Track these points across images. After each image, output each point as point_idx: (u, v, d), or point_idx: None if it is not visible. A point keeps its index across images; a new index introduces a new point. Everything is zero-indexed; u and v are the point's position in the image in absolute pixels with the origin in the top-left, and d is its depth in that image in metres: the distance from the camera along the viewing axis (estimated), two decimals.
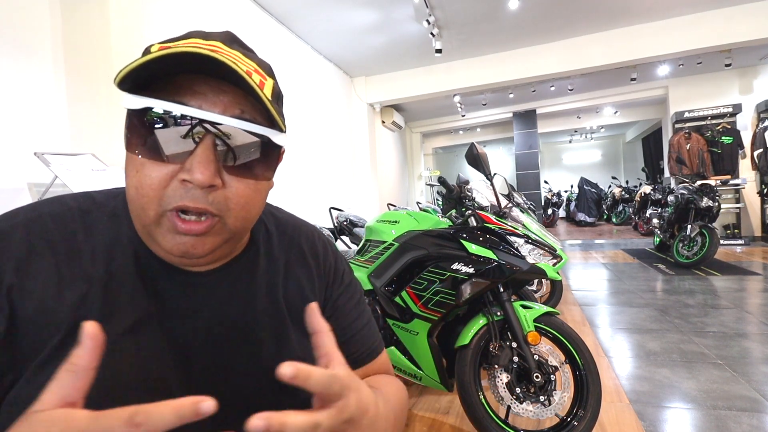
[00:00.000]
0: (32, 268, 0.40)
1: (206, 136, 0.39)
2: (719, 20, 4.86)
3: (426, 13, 4.38)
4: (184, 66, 0.38)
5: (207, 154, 0.38)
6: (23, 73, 2.23)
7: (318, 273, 0.58)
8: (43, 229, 0.42)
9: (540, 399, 1.43)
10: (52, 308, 0.39)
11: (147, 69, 0.37)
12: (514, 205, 2.88)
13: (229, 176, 0.41)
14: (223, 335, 0.47)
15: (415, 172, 10.48)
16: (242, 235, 0.46)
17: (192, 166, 0.38)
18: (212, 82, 0.40)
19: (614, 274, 4.68)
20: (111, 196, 0.48)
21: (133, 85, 0.38)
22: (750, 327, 2.72)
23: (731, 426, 1.62)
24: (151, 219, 0.40)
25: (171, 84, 0.39)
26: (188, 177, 0.38)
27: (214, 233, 0.41)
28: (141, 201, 0.39)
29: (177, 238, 0.40)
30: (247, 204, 0.43)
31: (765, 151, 6.27)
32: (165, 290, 0.45)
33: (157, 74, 0.39)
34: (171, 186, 0.39)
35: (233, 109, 0.40)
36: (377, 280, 1.74)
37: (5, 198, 2.06)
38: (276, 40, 4.37)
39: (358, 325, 0.60)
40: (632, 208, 9.01)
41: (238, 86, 0.40)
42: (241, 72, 0.37)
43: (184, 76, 0.40)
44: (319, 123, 5.26)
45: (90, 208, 0.46)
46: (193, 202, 0.39)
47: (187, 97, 0.39)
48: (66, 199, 0.46)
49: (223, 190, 0.40)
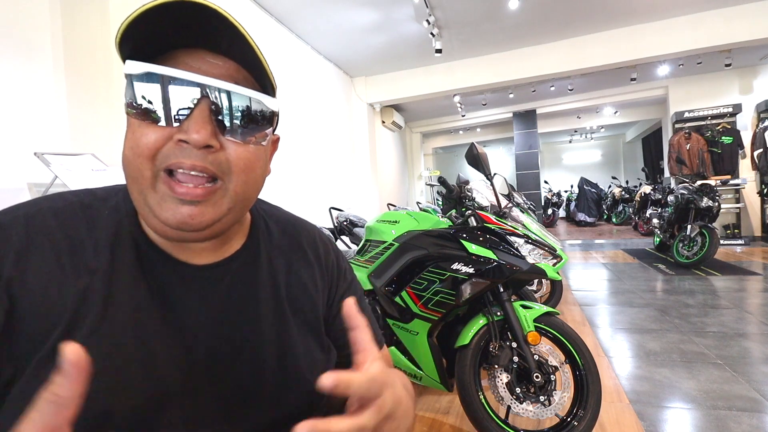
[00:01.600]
0: (32, 261, 0.40)
1: (202, 99, 0.40)
2: (719, 20, 4.86)
3: (426, 13, 4.38)
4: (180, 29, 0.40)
5: (203, 115, 0.39)
6: (23, 73, 2.23)
7: (321, 272, 0.58)
8: (43, 223, 0.42)
9: (540, 399, 1.43)
10: (53, 301, 0.39)
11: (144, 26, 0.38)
12: (514, 205, 2.88)
13: (225, 140, 0.41)
14: (224, 329, 0.47)
15: (415, 172, 10.48)
16: (242, 209, 0.45)
17: (189, 126, 0.39)
18: (207, 55, 0.42)
19: (614, 274, 4.68)
20: (112, 192, 0.49)
21: (133, 54, 0.39)
22: (750, 327, 2.72)
23: (731, 426, 1.62)
24: (148, 181, 0.39)
25: (168, 60, 0.41)
26: (185, 137, 0.39)
27: (214, 202, 0.41)
28: (136, 161, 0.39)
29: (174, 207, 0.40)
30: (247, 167, 0.43)
31: (765, 151, 6.27)
32: (167, 283, 0.45)
33: (155, 46, 0.40)
34: (167, 146, 0.39)
35: (228, 78, 0.42)
36: (377, 280, 1.74)
37: (5, 198, 2.06)
38: (276, 40, 4.37)
39: None
40: (632, 208, 9.01)
41: (231, 57, 0.42)
42: (231, 19, 0.39)
43: (181, 51, 0.42)
44: (319, 123, 5.26)
45: (91, 202, 0.46)
46: (190, 159, 0.39)
47: (184, 68, 0.40)
48: (67, 194, 0.47)
49: (222, 152, 0.41)
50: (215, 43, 0.42)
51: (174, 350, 0.43)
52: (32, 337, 0.38)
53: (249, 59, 0.42)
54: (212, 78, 0.40)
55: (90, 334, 0.39)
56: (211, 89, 0.40)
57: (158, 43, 0.41)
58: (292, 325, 0.52)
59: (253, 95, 0.42)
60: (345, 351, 0.58)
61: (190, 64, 0.41)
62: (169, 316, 0.44)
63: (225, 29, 0.40)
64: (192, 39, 0.41)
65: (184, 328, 0.45)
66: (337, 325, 0.58)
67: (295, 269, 0.55)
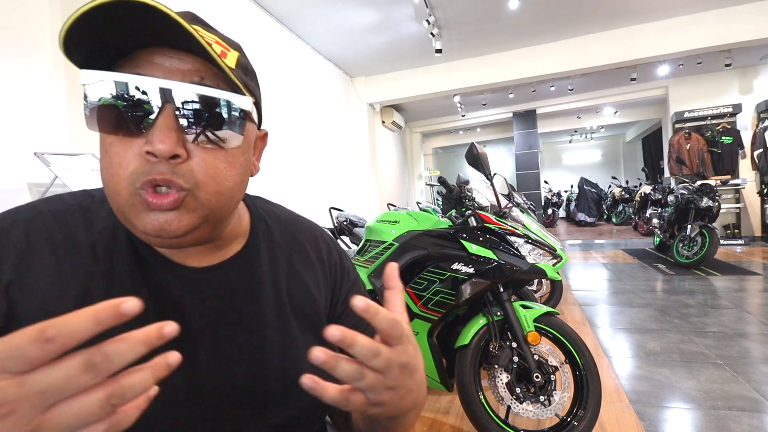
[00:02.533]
0: (32, 265, 0.40)
1: (165, 105, 0.37)
2: (719, 20, 4.86)
3: (426, 13, 4.38)
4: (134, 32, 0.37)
5: (167, 122, 0.37)
6: (23, 73, 2.23)
7: (324, 273, 0.58)
8: (42, 227, 0.42)
9: (540, 399, 1.43)
10: (53, 305, 0.39)
11: (93, 30, 0.35)
12: (514, 205, 2.88)
13: (194, 147, 0.39)
14: (226, 332, 0.47)
15: (415, 172, 10.47)
16: (220, 216, 0.43)
17: (153, 136, 0.37)
18: (171, 52, 0.39)
19: (614, 274, 4.68)
20: None
21: (90, 60, 0.37)
22: (750, 327, 2.72)
23: (731, 426, 1.62)
24: (125, 200, 0.38)
25: (130, 61, 0.39)
26: (150, 148, 0.37)
27: (187, 209, 0.39)
28: (112, 181, 0.38)
29: (150, 216, 0.38)
30: (217, 176, 0.40)
31: (765, 151, 6.27)
32: (166, 286, 0.45)
33: (113, 48, 0.38)
34: (137, 162, 0.38)
35: (192, 76, 0.39)
36: (377, 280, 1.74)
37: (5, 198, 2.06)
38: (276, 40, 4.36)
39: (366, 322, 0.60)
40: (632, 208, 9.01)
41: (197, 54, 0.39)
42: (178, 19, 0.35)
43: (143, 50, 0.39)
44: (319, 123, 5.26)
45: (90, 205, 0.46)
46: (159, 174, 0.37)
47: (145, 69, 0.38)
48: (65, 197, 0.46)
49: (189, 161, 0.39)
50: (173, 40, 0.38)
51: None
52: None
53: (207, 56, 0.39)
54: (175, 80, 0.38)
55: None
56: (172, 92, 0.37)
57: (116, 45, 0.38)
58: (294, 326, 0.51)
59: (220, 95, 0.39)
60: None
61: (153, 61, 0.39)
62: (168, 319, 0.44)
63: (176, 28, 0.36)
64: (148, 39, 0.38)
65: (185, 331, 0.44)
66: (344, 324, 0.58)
67: (296, 269, 0.55)
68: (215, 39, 0.42)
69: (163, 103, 0.37)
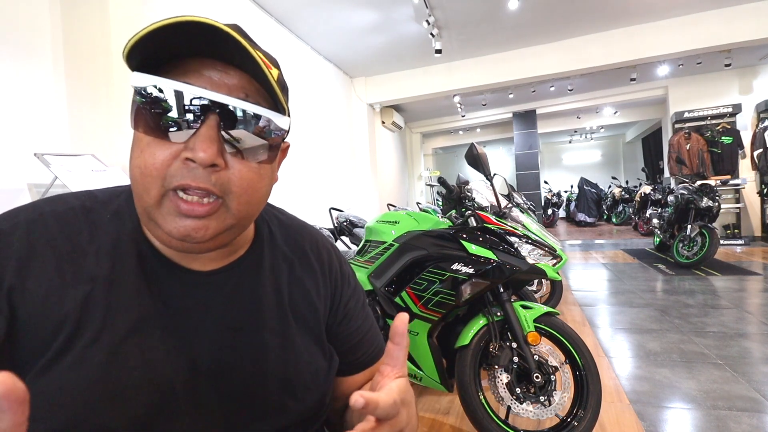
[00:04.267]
0: (34, 269, 0.39)
1: (210, 115, 0.39)
2: (719, 20, 4.86)
3: (426, 14, 4.38)
4: (190, 43, 0.39)
5: (210, 133, 0.38)
6: (23, 73, 2.23)
7: (324, 278, 0.58)
8: (44, 229, 0.41)
9: (540, 399, 1.43)
10: (55, 309, 0.39)
11: (153, 41, 0.37)
12: (514, 206, 2.88)
13: (232, 158, 0.41)
14: (227, 336, 0.46)
15: (415, 172, 10.47)
16: (245, 224, 0.45)
17: (195, 144, 0.38)
18: (219, 65, 0.41)
19: (614, 274, 4.68)
20: (114, 195, 0.48)
21: (141, 64, 0.39)
22: (750, 327, 2.72)
23: (731, 426, 1.62)
24: (154, 199, 0.39)
25: (178, 68, 0.40)
26: (191, 155, 0.38)
27: (217, 217, 0.41)
28: (144, 180, 0.39)
29: (178, 220, 0.39)
30: (249, 187, 0.42)
31: (765, 151, 6.27)
32: (169, 289, 0.45)
33: (165, 55, 0.40)
34: (174, 165, 0.39)
35: (238, 92, 0.41)
36: (377, 281, 1.74)
37: (5, 199, 2.06)
38: (276, 40, 4.37)
39: (365, 327, 0.60)
40: (632, 208, 9.01)
41: (244, 70, 0.41)
42: (244, 43, 0.37)
43: (192, 60, 0.40)
44: (319, 123, 5.26)
45: (93, 206, 0.45)
46: (195, 181, 0.38)
47: (193, 79, 0.39)
48: (68, 197, 0.46)
49: (226, 171, 0.40)
50: (228, 56, 0.41)
51: (176, 358, 0.43)
52: (34, 346, 0.38)
53: (261, 76, 0.41)
54: (221, 93, 0.39)
55: (91, 343, 0.39)
56: (219, 104, 0.39)
57: (168, 53, 0.40)
58: (295, 332, 0.51)
59: (263, 113, 0.41)
60: (347, 358, 0.58)
61: (201, 72, 0.40)
62: (172, 324, 0.44)
63: (237, 50, 0.39)
64: (204, 50, 0.40)
65: (187, 335, 0.44)
66: (341, 332, 0.58)
67: (298, 275, 0.55)
68: (260, 56, 0.42)
69: (208, 113, 0.39)
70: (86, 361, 0.38)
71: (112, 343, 0.40)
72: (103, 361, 0.38)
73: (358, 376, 0.60)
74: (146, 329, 0.42)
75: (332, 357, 0.56)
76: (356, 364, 0.59)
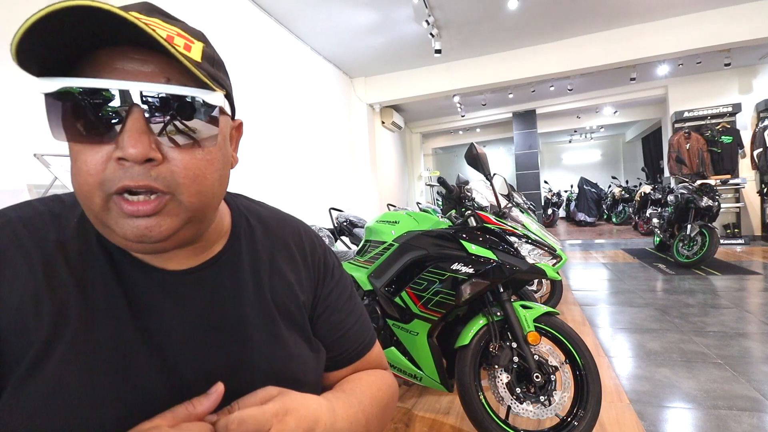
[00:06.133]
0: (6, 276, 0.38)
1: (133, 108, 0.36)
2: (719, 20, 4.86)
3: (425, 14, 4.38)
4: (83, 34, 0.34)
5: (137, 125, 0.36)
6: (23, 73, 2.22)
7: (306, 270, 0.56)
8: (12, 235, 0.40)
9: (540, 399, 1.43)
10: (30, 316, 0.37)
11: (41, 39, 0.33)
12: (514, 205, 2.88)
13: (170, 149, 0.38)
14: (210, 336, 0.45)
15: (414, 172, 10.47)
16: (205, 216, 0.42)
17: (123, 141, 0.35)
18: (132, 53, 0.37)
19: (614, 273, 4.68)
20: None
21: (44, 67, 0.35)
22: (750, 326, 2.72)
23: (731, 425, 1.62)
24: (99, 206, 0.37)
25: (88, 64, 0.37)
26: (122, 154, 0.35)
27: (169, 213, 0.38)
28: (84, 190, 0.37)
29: (129, 222, 0.37)
30: (197, 176, 0.39)
31: (765, 151, 6.27)
32: (143, 291, 0.43)
33: (64, 52, 0.36)
34: (109, 168, 0.36)
35: (158, 78, 0.37)
36: (377, 281, 1.74)
37: (5, 199, 2.06)
38: (276, 40, 4.37)
39: (350, 321, 0.59)
40: (632, 208, 9.00)
41: (157, 51, 0.37)
42: (136, 21, 0.33)
43: (103, 52, 0.37)
44: (318, 124, 5.26)
45: (60, 211, 0.44)
46: (134, 180, 0.36)
47: (106, 73, 0.36)
48: (34, 203, 0.44)
49: (167, 164, 0.37)
50: (132, 38, 0.35)
51: (156, 359, 0.42)
52: (11, 354, 0.37)
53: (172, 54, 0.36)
54: (140, 79, 0.36)
55: (69, 348, 0.38)
56: (139, 93, 0.36)
57: (67, 50, 0.36)
58: (281, 326, 0.50)
59: (189, 93, 0.37)
60: (330, 353, 0.57)
61: (113, 65, 0.36)
62: (149, 325, 0.42)
63: (135, 31, 0.34)
64: (106, 38, 0.36)
65: (165, 336, 0.43)
66: (323, 325, 0.57)
67: (279, 268, 0.53)
68: (177, 31, 0.39)
69: (129, 106, 0.36)
70: (68, 367, 0.37)
71: (89, 347, 0.39)
72: (81, 365, 0.38)
73: (343, 372, 0.59)
74: (122, 332, 0.41)
75: (319, 350, 0.55)
76: (339, 360, 0.58)
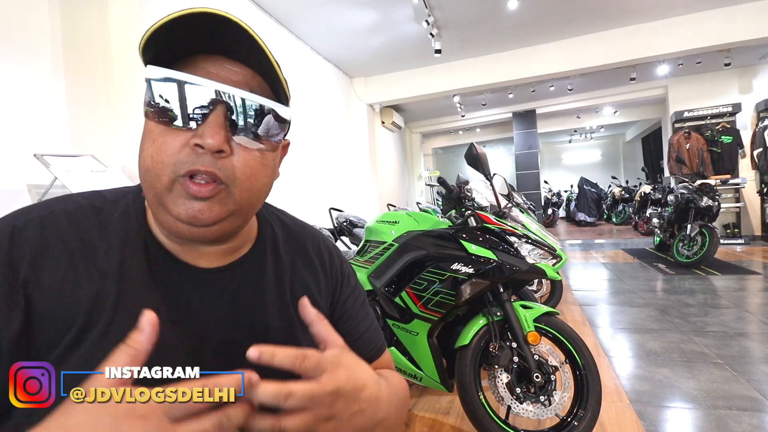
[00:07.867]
0: (47, 263, 0.41)
1: (218, 105, 0.42)
2: (719, 20, 4.86)
3: (425, 14, 4.38)
4: (201, 35, 0.42)
5: (218, 121, 0.41)
6: (23, 74, 2.23)
7: (325, 277, 0.59)
8: (56, 226, 0.43)
9: (540, 399, 1.43)
10: (67, 303, 0.40)
11: (167, 35, 0.40)
12: (514, 205, 2.89)
13: (237, 146, 0.43)
14: (233, 333, 0.48)
15: (414, 172, 10.47)
16: (246, 214, 0.47)
17: (204, 131, 0.41)
18: (225, 62, 0.44)
19: (614, 273, 4.68)
20: (121, 194, 0.50)
21: (154, 59, 0.42)
22: (750, 326, 2.72)
23: (731, 425, 1.62)
24: (164, 185, 0.41)
25: (187, 65, 0.43)
26: (200, 141, 0.41)
27: (220, 201, 0.43)
28: (156, 167, 0.41)
29: (187, 203, 0.42)
30: (252, 175, 0.44)
31: (764, 151, 6.27)
32: (176, 286, 0.46)
33: (176, 51, 0.43)
34: (184, 152, 0.41)
35: (243, 86, 0.44)
36: (377, 281, 1.74)
37: (5, 199, 2.06)
38: (276, 40, 4.37)
39: (364, 326, 0.62)
40: (632, 208, 9.01)
41: (248, 66, 0.45)
42: (254, 34, 0.41)
43: (200, 57, 0.44)
44: (318, 124, 5.26)
45: (102, 205, 0.47)
46: (203, 166, 0.41)
47: (201, 75, 0.43)
48: (77, 197, 0.48)
49: (230, 157, 0.43)
50: (234, 51, 0.44)
51: (184, 352, 0.44)
52: (48, 339, 0.39)
53: (264, 69, 0.45)
54: (228, 85, 0.42)
55: (102, 336, 0.40)
56: (226, 95, 0.42)
57: (179, 49, 0.43)
58: (298, 328, 0.52)
59: (267, 103, 0.44)
60: None
61: (208, 69, 0.43)
62: (179, 318, 0.45)
63: (244, 40, 0.42)
64: (211, 46, 0.43)
65: (194, 329, 0.46)
66: (339, 329, 0.58)
67: (300, 273, 0.56)
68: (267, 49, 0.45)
69: (216, 104, 0.42)
70: (98, 354, 0.39)
71: (121, 336, 0.40)
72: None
73: None
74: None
75: None
76: None
